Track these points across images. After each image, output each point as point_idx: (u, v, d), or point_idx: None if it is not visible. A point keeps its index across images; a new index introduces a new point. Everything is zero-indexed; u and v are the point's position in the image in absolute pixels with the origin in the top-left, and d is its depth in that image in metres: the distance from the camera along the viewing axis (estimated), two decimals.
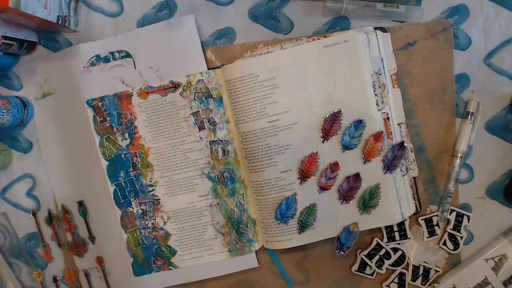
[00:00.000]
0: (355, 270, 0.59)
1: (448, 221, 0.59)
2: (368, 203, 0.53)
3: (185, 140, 0.56)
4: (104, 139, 0.57)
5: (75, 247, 0.62)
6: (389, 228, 0.58)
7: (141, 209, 0.58)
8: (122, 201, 0.58)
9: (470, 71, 0.58)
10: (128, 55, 0.57)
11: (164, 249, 0.59)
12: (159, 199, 0.58)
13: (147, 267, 0.59)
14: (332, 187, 0.53)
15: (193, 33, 0.57)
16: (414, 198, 0.57)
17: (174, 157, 0.57)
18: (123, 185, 0.58)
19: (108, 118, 0.57)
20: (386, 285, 0.60)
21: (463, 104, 0.58)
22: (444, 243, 0.59)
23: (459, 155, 0.57)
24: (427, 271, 0.59)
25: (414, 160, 0.57)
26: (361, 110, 0.52)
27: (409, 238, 0.58)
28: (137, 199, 0.58)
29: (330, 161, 0.53)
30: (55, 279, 0.63)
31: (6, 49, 0.55)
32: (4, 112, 0.55)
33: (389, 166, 0.53)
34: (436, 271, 0.59)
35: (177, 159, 0.57)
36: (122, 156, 0.57)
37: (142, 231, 0.59)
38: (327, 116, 0.52)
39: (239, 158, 0.57)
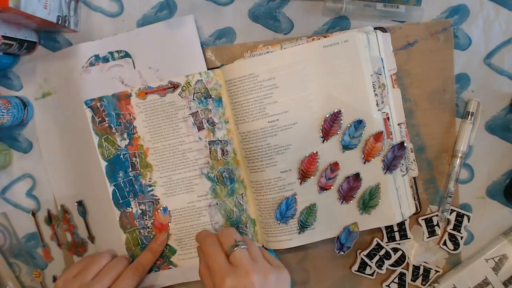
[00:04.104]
0: (355, 270, 0.59)
1: (448, 221, 0.59)
2: (368, 203, 0.53)
3: (184, 140, 0.56)
4: (103, 140, 0.57)
5: (75, 247, 0.62)
6: (389, 228, 0.58)
7: (140, 209, 0.58)
8: (121, 201, 0.58)
9: (470, 71, 0.58)
10: (127, 55, 0.57)
11: (164, 249, 0.59)
12: (158, 199, 0.58)
13: None
14: (332, 187, 0.53)
15: (193, 33, 0.56)
16: (414, 198, 0.57)
17: (173, 157, 0.57)
18: (122, 185, 0.58)
19: (106, 119, 0.57)
20: (386, 285, 0.59)
21: (463, 104, 0.58)
22: (444, 243, 0.59)
23: (459, 155, 0.57)
24: (427, 271, 0.59)
25: (414, 160, 0.57)
26: (361, 110, 0.52)
27: (409, 238, 0.58)
28: (136, 199, 0.58)
29: (330, 161, 0.53)
30: (55, 279, 0.63)
31: (6, 49, 0.55)
32: (4, 112, 0.55)
33: (389, 166, 0.53)
34: (436, 271, 0.59)
35: (176, 159, 0.57)
36: (121, 156, 0.57)
37: (141, 231, 0.59)
38: (327, 116, 0.52)
39: (238, 158, 0.56)
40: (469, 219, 0.58)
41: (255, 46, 0.58)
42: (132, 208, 0.58)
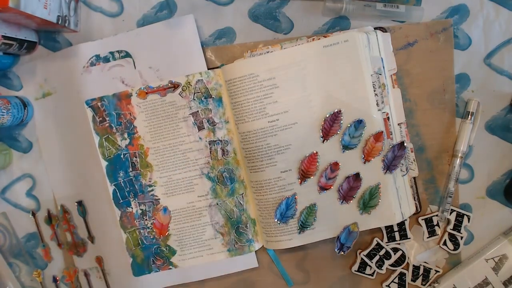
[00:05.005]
0: (355, 270, 0.59)
1: (448, 221, 0.59)
2: (368, 203, 0.53)
3: (184, 140, 0.56)
4: (104, 139, 0.57)
5: (75, 247, 0.62)
6: (389, 228, 0.58)
7: (140, 209, 0.58)
8: (121, 201, 0.58)
9: (470, 71, 0.58)
10: (128, 55, 0.57)
11: (164, 249, 0.59)
12: (159, 199, 0.58)
13: (146, 267, 0.59)
14: (332, 187, 0.53)
15: (193, 33, 0.57)
16: (414, 198, 0.57)
17: (174, 157, 0.57)
18: (123, 185, 0.58)
19: (107, 118, 0.57)
20: (386, 285, 0.59)
21: (463, 104, 0.58)
22: (444, 243, 0.59)
23: (459, 155, 0.57)
24: (427, 271, 0.59)
25: (414, 160, 0.57)
26: (361, 110, 0.52)
27: (409, 238, 0.58)
28: (136, 199, 0.58)
29: (330, 161, 0.53)
30: (55, 279, 0.63)
31: (6, 49, 0.55)
32: (4, 112, 0.55)
33: (389, 166, 0.53)
34: (436, 271, 0.59)
35: (176, 159, 0.57)
36: (122, 156, 0.57)
37: (141, 231, 0.58)
38: (327, 116, 0.52)
39: (238, 158, 0.56)
40: (469, 219, 0.58)
41: (255, 46, 0.58)
42: (132, 208, 0.58)
